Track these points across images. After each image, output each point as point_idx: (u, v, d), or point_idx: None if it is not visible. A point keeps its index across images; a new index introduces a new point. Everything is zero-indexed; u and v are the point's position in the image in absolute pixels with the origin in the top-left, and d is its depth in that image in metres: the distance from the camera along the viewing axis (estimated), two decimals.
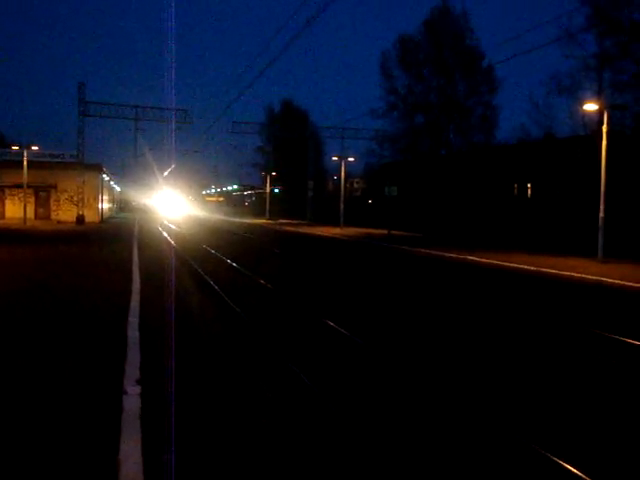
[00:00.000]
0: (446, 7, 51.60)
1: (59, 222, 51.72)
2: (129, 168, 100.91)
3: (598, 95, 33.48)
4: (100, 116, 53.83)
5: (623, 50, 34.44)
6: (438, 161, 52.00)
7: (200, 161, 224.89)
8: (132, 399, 6.42)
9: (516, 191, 48.05)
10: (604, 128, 22.99)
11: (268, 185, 76.60)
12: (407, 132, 54.87)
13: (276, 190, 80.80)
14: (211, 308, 12.53)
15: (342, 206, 51.27)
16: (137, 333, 9.49)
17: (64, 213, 54.09)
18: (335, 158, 57.01)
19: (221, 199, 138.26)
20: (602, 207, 22.93)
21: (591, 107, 25.86)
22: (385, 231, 40.58)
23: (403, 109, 54.68)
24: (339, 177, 54.27)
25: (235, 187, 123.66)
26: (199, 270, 17.72)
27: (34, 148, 50.66)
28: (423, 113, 54.22)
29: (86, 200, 53.10)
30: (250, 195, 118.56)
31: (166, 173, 52.30)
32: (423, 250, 27.70)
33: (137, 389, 6.76)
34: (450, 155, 52.58)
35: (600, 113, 24.30)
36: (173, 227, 47.46)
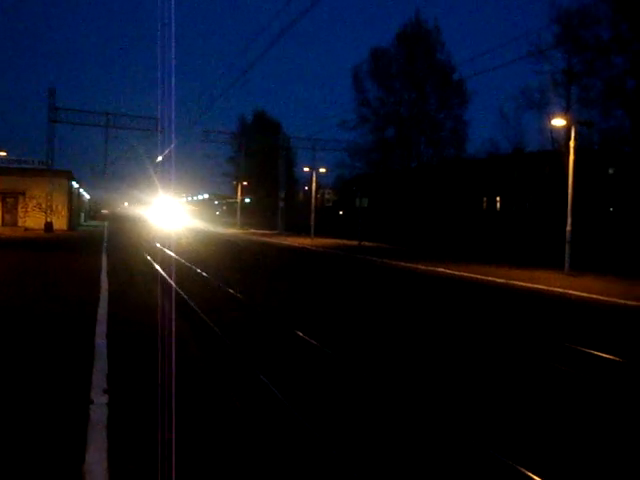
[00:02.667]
0: (419, 21, 52.27)
1: (27, 229, 50.95)
2: (100, 175, 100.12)
3: (566, 111, 34.18)
4: (70, 123, 53.32)
5: (590, 67, 35.22)
6: (409, 173, 52.42)
7: (171, 169, 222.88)
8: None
9: (485, 204, 48.67)
10: (571, 143, 23.37)
11: (239, 194, 76.41)
12: (378, 144, 55.27)
13: (247, 200, 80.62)
14: (183, 320, 12.47)
15: (313, 216, 51.32)
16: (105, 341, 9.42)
17: (32, 220, 53.31)
18: (306, 169, 57.11)
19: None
20: (569, 221, 23.28)
21: (559, 122, 26.35)
22: (355, 242, 40.74)
23: (375, 121, 55.15)
24: (310, 188, 54.37)
25: (206, 196, 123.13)
26: (168, 278, 17.61)
27: (1, 154, 49.99)
28: (394, 126, 54.69)
29: (55, 207, 52.47)
30: (220, 205, 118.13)
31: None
32: (393, 262, 27.84)
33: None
34: (420, 168, 53.06)
35: (568, 129, 24.72)
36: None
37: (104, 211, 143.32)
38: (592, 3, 33.20)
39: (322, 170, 55.98)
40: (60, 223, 53.58)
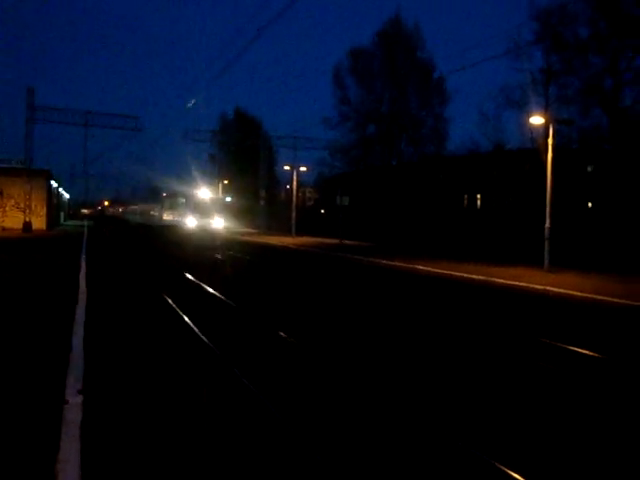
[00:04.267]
0: (399, 20, 52.34)
1: (4, 229, 50.42)
2: (79, 175, 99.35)
3: (545, 109, 34.35)
4: (49, 122, 52.80)
5: (568, 66, 35.44)
6: (389, 171, 52.50)
7: (152, 168, 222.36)
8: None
9: (466, 202, 48.89)
10: (549, 141, 23.53)
11: (219, 193, 76.07)
12: (359, 142, 55.29)
13: (228, 199, 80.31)
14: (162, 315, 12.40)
15: (294, 215, 51.27)
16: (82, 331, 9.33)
17: (10, 220, 52.75)
18: (287, 167, 56.99)
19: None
20: (548, 218, 23.44)
21: (537, 120, 26.48)
22: (337, 240, 40.75)
23: (355, 119, 55.13)
24: (291, 186, 54.28)
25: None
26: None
27: None
28: (375, 124, 54.74)
29: (33, 207, 51.97)
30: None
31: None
32: (371, 259, 27.87)
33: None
34: (401, 165, 53.17)
35: (546, 127, 24.86)
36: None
37: (84, 211, 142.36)
38: (571, 1, 33.44)
39: (303, 169, 55.89)
40: (39, 223, 53.08)
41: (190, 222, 27.21)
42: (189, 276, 19.52)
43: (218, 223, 27.67)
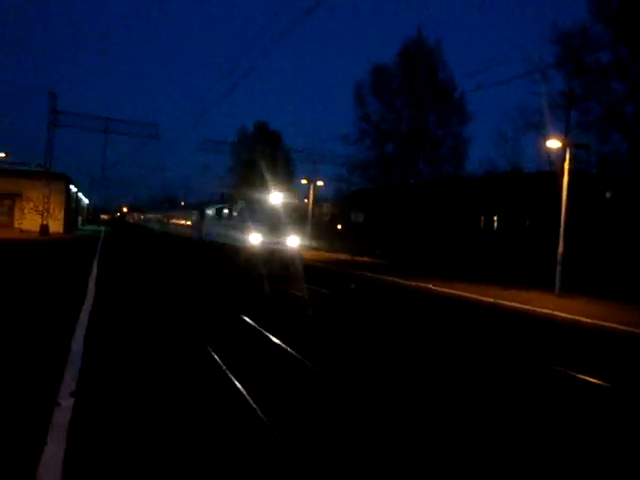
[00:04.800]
0: (421, 38, 52.41)
1: (22, 231, 50.95)
2: (98, 181, 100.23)
3: (565, 133, 34.19)
4: (70, 126, 53.31)
5: (589, 91, 35.29)
6: (406, 190, 52.39)
7: (168, 177, 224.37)
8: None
9: (483, 223, 48.61)
10: (566, 165, 23.42)
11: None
12: (377, 160, 55.22)
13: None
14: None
15: (309, 229, 51.18)
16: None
17: (28, 222, 53.33)
18: (304, 181, 57.01)
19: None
20: (561, 242, 23.28)
21: (554, 144, 26.33)
22: (350, 257, 40.67)
23: (375, 137, 55.09)
24: (308, 200, 54.30)
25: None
26: None
27: (1, 155, 50.03)
28: (394, 142, 54.67)
29: (51, 210, 52.46)
30: None
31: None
32: (382, 276, 27.75)
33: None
34: (418, 185, 53.04)
35: (563, 150, 24.74)
36: None
37: (103, 216, 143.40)
38: (593, 26, 33.36)
39: (320, 183, 55.92)
40: (56, 226, 53.58)
41: (254, 239, 24.11)
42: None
43: (293, 241, 22.63)
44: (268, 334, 11.77)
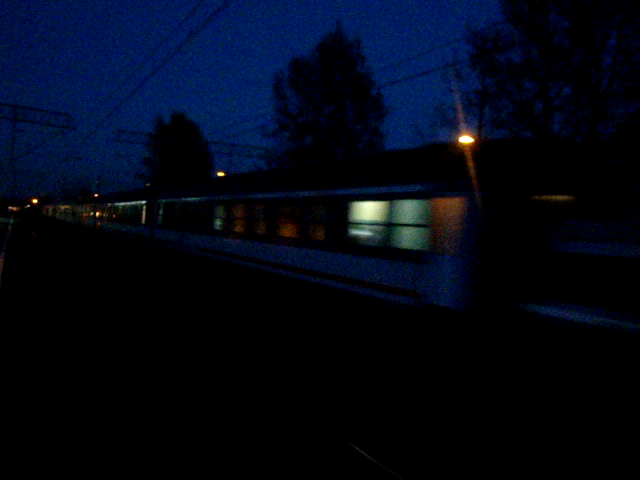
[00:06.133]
0: (340, 34, 52.62)
1: None
2: (6, 170, 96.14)
3: (479, 130, 35.00)
4: None
5: (501, 89, 36.23)
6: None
7: (84, 168, 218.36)
8: None
9: None
10: None
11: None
12: (296, 152, 55.18)
13: None
14: None
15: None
16: None
17: None
18: (221, 174, 56.27)
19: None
20: None
21: (466, 140, 26.79)
22: None
23: (293, 130, 55.02)
24: None
25: None
26: None
27: None
28: (312, 135, 54.74)
29: None
30: None
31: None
32: None
33: None
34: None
35: None
36: None
37: (12, 208, 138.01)
38: (505, 26, 34.22)
39: None
40: None
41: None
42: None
43: None
44: None
